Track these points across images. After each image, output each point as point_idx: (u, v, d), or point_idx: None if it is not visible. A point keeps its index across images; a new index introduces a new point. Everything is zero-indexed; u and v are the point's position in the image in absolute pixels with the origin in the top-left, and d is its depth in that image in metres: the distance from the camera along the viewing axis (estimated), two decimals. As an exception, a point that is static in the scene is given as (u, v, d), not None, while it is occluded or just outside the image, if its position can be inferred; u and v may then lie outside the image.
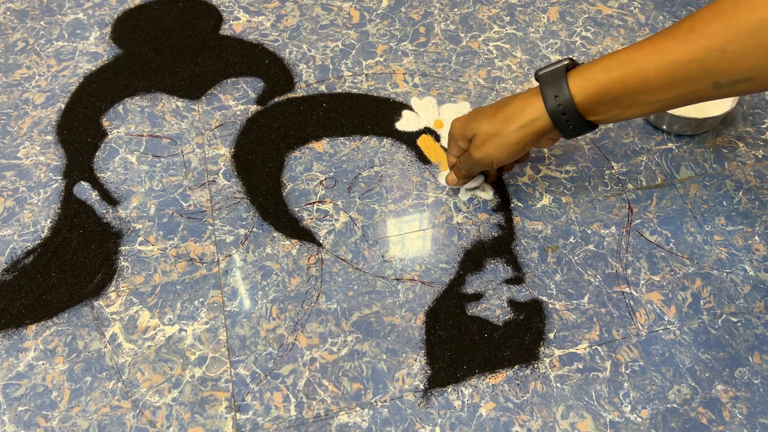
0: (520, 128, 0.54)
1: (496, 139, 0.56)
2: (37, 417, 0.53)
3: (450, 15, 0.84)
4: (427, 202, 0.66)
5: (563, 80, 0.52)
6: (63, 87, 0.75)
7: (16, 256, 0.61)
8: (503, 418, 0.53)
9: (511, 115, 0.55)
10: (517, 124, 0.54)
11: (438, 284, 0.60)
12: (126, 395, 0.54)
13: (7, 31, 0.81)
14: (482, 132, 0.57)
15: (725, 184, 0.67)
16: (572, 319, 0.58)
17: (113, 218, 0.64)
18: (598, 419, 0.53)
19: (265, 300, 0.59)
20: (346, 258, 0.61)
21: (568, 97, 0.51)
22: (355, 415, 0.53)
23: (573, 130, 0.54)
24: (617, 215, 0.65)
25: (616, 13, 0.84)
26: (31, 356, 0.56)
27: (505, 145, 0.55)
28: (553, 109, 0.52)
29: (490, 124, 0.56)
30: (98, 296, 0.59)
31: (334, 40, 0.80)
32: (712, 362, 0.56)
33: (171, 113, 0.73)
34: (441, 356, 0.55)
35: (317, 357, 0.56)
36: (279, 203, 0.65)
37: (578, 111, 0.52)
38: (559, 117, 0.53)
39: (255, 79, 0.76)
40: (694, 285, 0.60)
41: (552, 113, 0.53)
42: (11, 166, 0.68)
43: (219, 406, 0.53)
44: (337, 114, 0.72)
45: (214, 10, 0.84)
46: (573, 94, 0.51)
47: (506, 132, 0.55)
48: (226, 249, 0.62)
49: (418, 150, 0.70)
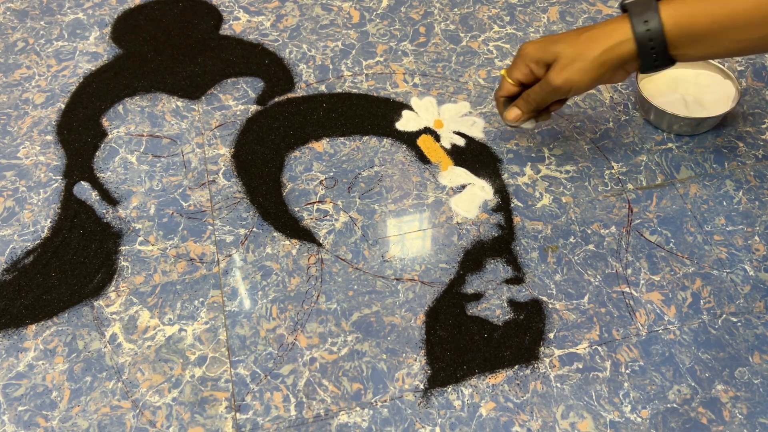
0: (606, 51, 0.53)
1: (579, 63, 0.54)
2: (37, 417, 0.53)
3: (450, 15, 0.84)
4: (427, 202, 0.66)
5: (654, 7, 0.51)
6: (63, 87, 0.75)
7: (16, 256, 0.61)
8: (503, 418, 0.53)
9: (596, 37, 0.53)
10: (602, 47, 0.53)
11: (438, 284, 0.60)
12: (126, 395, 0.54)
13: (7, 31, 0.81)
14: (564, 54, 0.54)
15: (725, 184, 0.67)
16: (572, 319, 0.58)
17: (113, 218, 0.64)
18: (598, 419, 0.53)
19: (265, 300, 0.59)
20: (346, 258, 0.61)
21: (658, 24, 0.51)
22: (355, 415, 0.53)
23: (655, 60, 0.53)
24: (617, 215, 0.65)
25: (616, 12, 0.84)
26: (31, 356, 0.56)
27: (590, 69, 0.54)
28: (641, 34, 0.51)
29: (574, 46, 0.54)
30: (98, 296, 0.59)
31: (334, 40, 0.80)
32: (712, 362, 0.56)
33: (171, 113, 0.73)
34: (441, 356, 0.55)
35: (317, 357, 0.56)
36: (279, 203, 0.65)
37: (666, 41, 0.51)
38: (646, 44, 0.52)
39: (255, 79, 0.76)
40: (694, 285, 0.60)
41: (639, 39, 0.52)
42: (11, 166, 0.68)
43: (219, 406, 0.53)
44: (337, 114, 0.72)
45: (214, 10, 0.84)
46: (663, 23, 0.51)
47: (591, 55, 0.53)
48: (226, 249, 0.62)
49: (418, 150, 0.70)
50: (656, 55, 0.53)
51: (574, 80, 0.54)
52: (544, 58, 0.56)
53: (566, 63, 0.54)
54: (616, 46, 0.53)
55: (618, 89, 0.75)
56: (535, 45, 0.57)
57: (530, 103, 0.59)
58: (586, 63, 0.53)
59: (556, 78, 0.55)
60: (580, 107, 0.74)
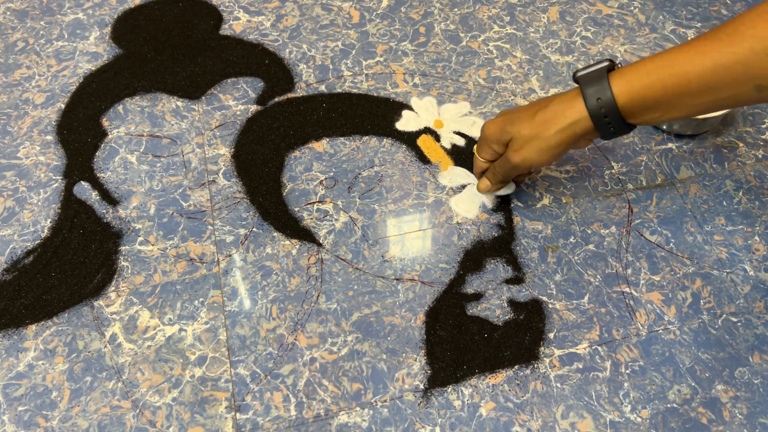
0: (561, 131, 0.54)
1: (536, 143, 0.55)
2: (37, 417, 0.53)
3: (450, 15, 0.84)
4: (427, 202, 0.66)
5: (605, 82, 0.51)
6: (63, 87, 0.75)
7: (16, 256, 0.61)
8: (503, 418, 0.53)
9: (550, 117, 0.54)
10: (557, 127, 0.54)
11: (438, 284, 0.60)
12: (126, 395, 0.54)
13: (7, 31, 0.81)
14: (521, 136, 0.56)
15: (725, 184, 0.67)
16: (572, 319, 0.58)
17: (113, 218, 0.64)
18: (598, 419, 0.53)
19: (265, 300, 0.59)
20: (346, 258, 0.61)
21: (611, 98, 0.51)
22: (355, 415, 0.53)
23: (613, 131, 0.53)
24: (617, 215, 0.65)
25: (616, 13, 0.84)
26: (31, 356, 0.56)
27: (546, 149, 0.55)
28: (595, 110, 0.52)
29: (529, 128, 0.55)
30: (98, 296, 0.59)
31: (334, 40, 0.80)
32: (712, 362, 0.56)
33: (171, 113, 0.73)
34: (441, 356, 0.55)
35: (317, 357, 0.56)
36: (279, 203, 0.65)
37: (620, 113, 0.52)
38: (601, 119, 0.52)
39: (255, 79, 0.76)
40: (694, 285, 0.60)
41: (594, 115, 0.52)
42: (11, 166, 0.68)
43: (219, 406, 0.53)
44: (337, 114, 0.72)
45: (214, 10, 0.84)
46: (616, 96, 0.51)
47: (546, 135, 0.54)
48: (226, 249, 0.62)
49: (418, 150, 0.70)
50: (613, 127, 0.53)
51: (533, 159, 0.56)
52: (502, 139, 0.58)
53: (522, 143, 0.56)
54: (571, 125, 0.53)
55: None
56: (493, 126, 0.58)
57: (496, 175, 0.61)
58: (542, 142, 0.55)
59: (514, 157, 0.57)
60: (580, 107, 0.74)
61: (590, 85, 0.52)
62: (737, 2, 0.86)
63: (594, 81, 0.52)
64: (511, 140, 0.57)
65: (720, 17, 0.84)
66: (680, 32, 0.82)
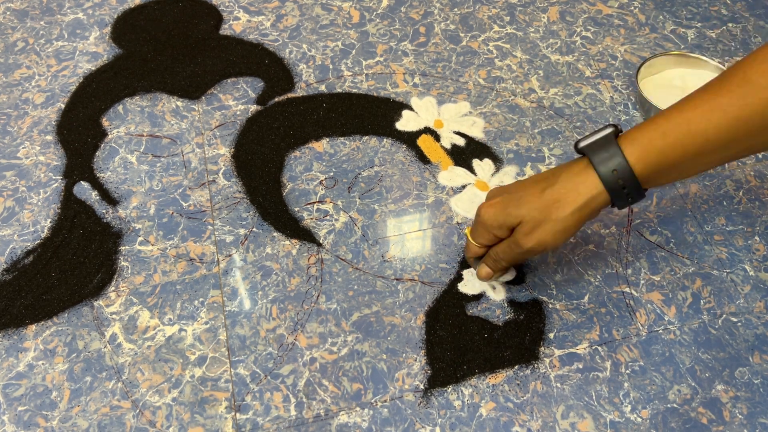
0: (578, 210, 0.49)
1: (550, 225, 0.50)
2: (37, 417, 0.53)
3: (450, 15, 0.84)
4: (427, 202, 0.66)
5: (617, 151, 0.48)
6: (63, 87, 0.75)
7: (16, 256, 0.61)
8: (503, 418, 0.53)
9: (562, 196, 0.50)
10: (573, 206, 0.49)
11: (438, 284, 0.60)
12: (126, 395, 0.54)
13: (7, 31, 0.81)
14: (530, 219, 0.50)
15: (725, 184, 0.67)
16: (572, 319, 0.58)
17: (113, 218, 0.64)
18: (598, 419, 0.53)
19: (265, 300, 0.59)
20: (346, 258, 0.61)
21: (627, 168, 0.47)
22: (355, 415, 0.53)
23: (630, 201, 0.50)
24: (617, 215, 0.65)
25: (616, 13, 0.84)
26: (31, 356, 0.56)
27: (562, 230, 0.50)
28: (611, 182, 0.48)
29: (539, 210, 0.50)
30: (98, 296, 0.59)
31: (334, 40, 0.80)
32: (712, 362, 0.56)
33: (171, 113, 0.73)
34: (441, 356, 0.55)
35: (317, 357, 0.56)
36: (279, 203, 0.65)
37: (638, 181, 0.48)
38: (620, 191, 0.48)
39: (255, 79, 0.76)
40: (694, 285, 0.60)
41: (611, 188, 0.48)
42: (11, 166, 0.68)
43: (219, 406, 0.53)
44: (337, 114, 0.72)
45: (214, 10, 0.84)
46: (632, 165, 0.47)
47: (561, 216, 0.49)
48: (226, 249, 0.62)
49: (418, 150, 0.70)
50: (631, 197, 0.50)
51: (547, 242, 0.51)
52: (507, 222, 0.52)
53: (534, 225, 0.50)
54: (587, 202, 0.49)
55: (618, 89, 0.75)
56: (494, 210, 0.52)
57: (499, 262, 0.55)
58: (557, 224, 0.50)
59: (527, 241, 0.51)
60: (580, 107, 0.74)
61: (600, 155, 0.48)
62: (737, 2, 0.86)
63: (603, 150, 0.48)
64: (519, 224, 0.51)
65: (720, 17, 0.84)
66: (680, 32, 0.82)
